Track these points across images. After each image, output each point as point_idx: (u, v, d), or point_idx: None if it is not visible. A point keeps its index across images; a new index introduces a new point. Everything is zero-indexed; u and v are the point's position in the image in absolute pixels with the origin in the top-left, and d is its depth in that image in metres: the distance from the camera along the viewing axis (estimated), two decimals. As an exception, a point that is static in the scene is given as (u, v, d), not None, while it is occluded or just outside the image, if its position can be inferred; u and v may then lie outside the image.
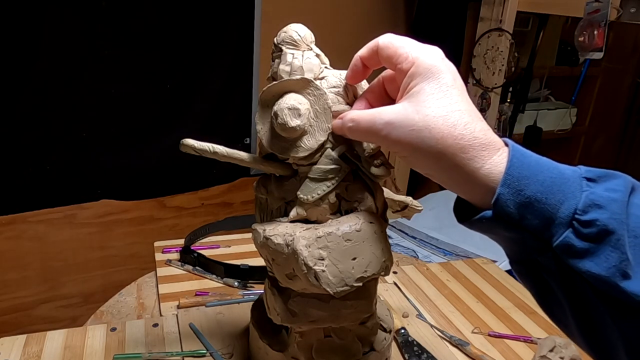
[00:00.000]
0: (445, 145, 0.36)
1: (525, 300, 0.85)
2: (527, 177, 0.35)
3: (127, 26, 1.36)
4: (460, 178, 0.37)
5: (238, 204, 1.72)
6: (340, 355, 0.56)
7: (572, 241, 0.34)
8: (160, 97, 1.46)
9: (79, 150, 1.40)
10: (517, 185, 0.35)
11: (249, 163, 0.51)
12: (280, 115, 0.46)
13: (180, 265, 0.91)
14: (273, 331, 0.60)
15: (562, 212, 0.35)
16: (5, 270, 1.41)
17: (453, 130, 0.36)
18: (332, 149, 0.49)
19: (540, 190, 0.35)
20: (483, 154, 0.36)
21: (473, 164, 0.36)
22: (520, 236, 0.36)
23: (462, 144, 0.36)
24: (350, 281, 0.47)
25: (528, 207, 0.35)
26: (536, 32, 1.83)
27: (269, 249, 0.50)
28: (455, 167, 0.37)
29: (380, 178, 0.51)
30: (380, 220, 0.50)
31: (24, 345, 0.68)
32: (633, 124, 2.32)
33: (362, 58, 0.45)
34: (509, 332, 0.77)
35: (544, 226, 0.35)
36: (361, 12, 1.73)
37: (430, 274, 0.93)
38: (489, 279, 0.92)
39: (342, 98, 0.50)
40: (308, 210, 0.50)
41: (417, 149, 0.37)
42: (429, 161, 0.38)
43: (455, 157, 0.36)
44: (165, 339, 0.70)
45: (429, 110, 0.37)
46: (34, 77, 1.29)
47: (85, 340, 0.69)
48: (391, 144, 0.39)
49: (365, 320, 0.57)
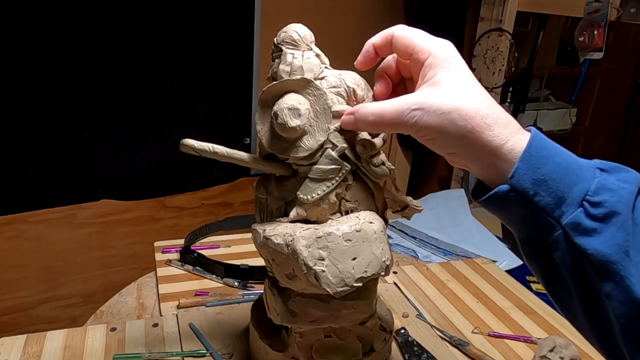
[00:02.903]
0: (474, 125, 0.39)
1: (525, 301, 0.85)
2: (546, 157, 0.38)
3: (127, 26, 1.36)
4: (485, 155, 0.39)
5: (238, 204, 1.72)
6: (340, 355, 0.56)
7: (581, 220, 0.37)
8: (160, 97, 1.46)
9: (79, 150, 1.40)
10: (535, 163, 0.38)
11: (248, 163, 0.51)
12: (280, 116, 0.46)
13: (180, 265, 0.91)
14: (273, 331, 0.60)
15: (575, 192, 0.37)
16: (5, 270, 1.41)
17: (479, 111, 0.39)
18: (332, 149, 0.49)
19: (556, 171, 0.38)
20: (506, 131, 0.39)
21: (498, 140, 0.39)
22: (532, 213, 0.38)
23: (487, 122, 0.39)
24: (350, 281, 0.47)
25: (543, 184, 0.38)
26: (536, 32, 1.82)
27: (269, 249, 0.50)
28: (481, 144, 0.39)
29: (381, 178, 0.51)
30: (380, 221, 0.50)
31: (24, 345, 0.68)
32: (633, 123, 2.32)
33: (375, 45, 0.46)
34: (509, 332, 0.77)
35: (555, 204, 0.37)
36: (361, 12, 1.73)
37: (430, 274, 0.93)
38: (489, 279, 0.92)
39: (342, 98, 0.50)
40: (308, 211, 0.50)
41: (446, 131, 0.39)
42: (457, 141, 0.40)
43: (483, 134, 0.39)
44: (165, 339, 0.69)
45: (454, 94, 0.39)
46: (34, 77, 1.29)
47: (85, 340, 0.69)
48: (420, 129, 0.40)
49: (366, 320, 0.57)
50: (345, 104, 0.50)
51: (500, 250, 1.36)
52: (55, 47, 1.29)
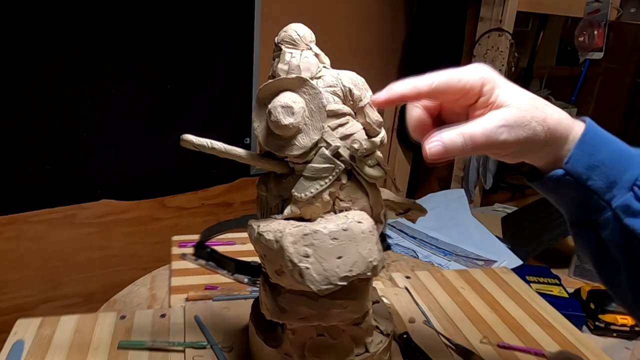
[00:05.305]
0: (550, 126, 0.41)
1: (542, 312, 0.81)
2: (599, 145, 0.42)
3: (127, 26, 1.36)
4: (554, 147, 0.42)
5: (238, 204, 1.72)
6: (333, 355, 0.56)
7: (631, 203, 0.41)
8: (160, 97, 1.46)
9: (79, 150, 1.40)
10: (589, 150, 0.41)
11: (246, 160, 0.51)
12: (274, 113, 0.47)
13: (194, 259, 0.93)
14: (270, 327, 0.61)
15: (626, 178, 0.41)
16: (5, 270, 1.41)
17: (544, 111, 0.42)
18: (326, 148, 0.49)
19: (609, 158, 0.41)
20: (568, 122, 0.42)
21: (566, 133, 0.42)
22: (584, 196, 0.42)
23: (556, 118, 0.42)
24: (335, 280, 0.47)
25: (596, 169, 0.41)
26: (536, 32, 1.83)
27: (261, 245, 0.51)
28: (555, 139, 0.42)
29: (375, 179, 0.52)
30: (369, 221, 0.50)
31: (38, 326, 0.71)
32: (633, 124, 2.32)
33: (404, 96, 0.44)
34: (520, 344, 0.72)
35: (607, 188, 0.41)
36: (361, 12, 1.73)
37: (445, 280, 0.89)
38: (506, 289, 0.88)
39: (337, 97, 0.50)
40: (302, 208, 0.50)
41: (531, 140, 0.41)
42: (537, 144, 0.42)
43: (557, 131, 0.41)
44: (171, 330, 0.71)
45: (522, 105, 0.42)
46: (34, 77, 1.29)
47: (95, 326, 0.72)
48: (509, 145, 0.42)
49: (360, 321, 0.57)
50: (341, 104, 0.50)
51: (500, 250, 1.36)
52: (55, 47, 1.29)
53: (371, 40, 1.78)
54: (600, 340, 1.04)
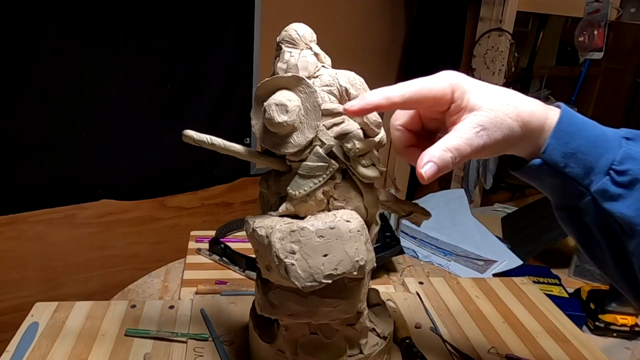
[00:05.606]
0: (524, 120, 0.42)
1: (558, 326, 0.78)
2: (574, 132, 0.42)
3: (127, 26, 1.36)
4: (531, 138, 0.43)
5: (238, 204, 1.73)
6: (326, 354, 0.56)
7: (608, 187, 0.41)
8: (160, 97, 1.47)
9: (79, 150, 1.40)
10: (565, 138, 0.42)
11: (245, 156, 0.52)
12: (268, 111, 0.47)
13: (208, 254, 0.96)
14: (266, 323, 0.61)
15: (602, 163, 0.42)
16: (5, 270, 1.42)
17: (515, 105, 0.42)
18: (320, 147, 0.49)
19: (584, 144, 0.42)
20: (541, 112, 0.43)
21: (540, 123, 0.43)
22: (563, 183, 0.43)
23: (528, 110, 0.42)
24: (319, 277, 0.47)
25: (572, 157, 0.42)
26: (536, 32, 1.83)
27: (255, 240, 0.51)
28: (531, 131, 0.42)
29: (369, 179, 0.52)
30: (358, 220, 0.50)
31: (54, 311, 0.75)
32: (633, 124, 2.32)
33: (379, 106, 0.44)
34: (530, 357, 0.69)
35: (584, 174, 0.42)
36: (361, 12, 1.73)
37: (459, 288, 0.88)
38: (523, 300, 0.85)
39: (334, 96, 0.50)
40: (296, 206, 0.50)
41: (509, 138, 0.42)
42: (514, 140, 0.42)
43: (531, 123, 0.42)
44: (177, 321, 0.74)
45: (494, 104, 0.42)
46: (34, 77, 1.29)
47: (106, 313, 0.75)
48: (490, 147, 0.42)
49: (354, 322, 0.57)
50: (337, 103, 0.50)
51: (500, 250, 1.36)
52: (55, 47, 1.29)
53: (371, 40, 1.78)
54: (600, 340, 1.04)
